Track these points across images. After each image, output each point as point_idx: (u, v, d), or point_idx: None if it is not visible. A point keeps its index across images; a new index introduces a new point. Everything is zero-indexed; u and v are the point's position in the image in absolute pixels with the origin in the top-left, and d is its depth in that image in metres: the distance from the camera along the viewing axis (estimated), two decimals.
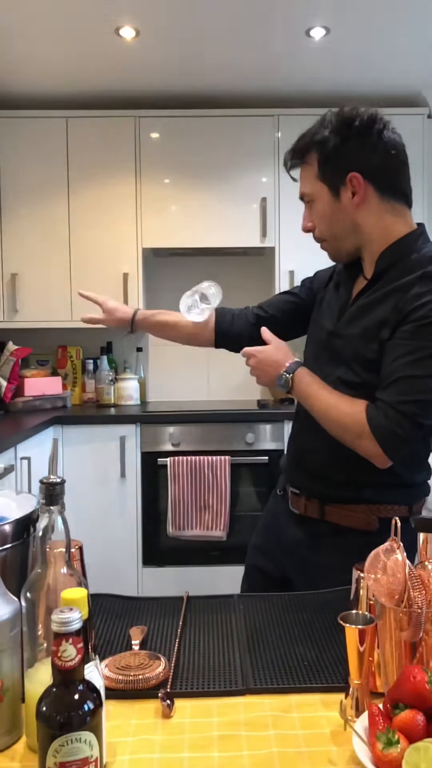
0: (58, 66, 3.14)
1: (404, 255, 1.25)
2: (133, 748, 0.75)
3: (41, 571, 0.76)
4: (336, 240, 1.30)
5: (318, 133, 1.26)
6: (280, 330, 1.45)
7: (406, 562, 0.81)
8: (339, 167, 1.24)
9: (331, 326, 1.34)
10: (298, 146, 1.30)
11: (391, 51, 3.03)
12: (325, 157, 1.25)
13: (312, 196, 1.29)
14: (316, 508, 1.33)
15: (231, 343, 1.52)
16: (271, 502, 1.52)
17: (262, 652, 0.97)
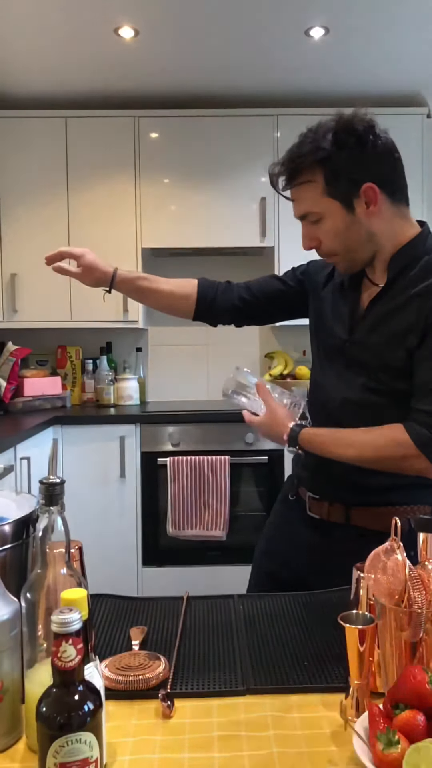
0: (57, 66, 3.14)
1: (415, 257, 1.24)
2: (133, 748, 0.75)
3: (41, 572, 0.76)
4: (350, 252, 1.25)
5: (319, 148, 1.18)
6: (263, 315, 1.49)
7: (406, 562, 0.81)
8: (351, 180, 1.19)
9: (344, 333, 1.31)
10: (297, 165, 1.21)
11: (391, 51, 3.03)
12: (334, 172, 1.19)
13: (320, 214, 1.22)
14: (341, 513, 1.31)
15: (210, 318, 1.50)
16: (281, 507, 1.49)
17: (262, 652, 0.97)
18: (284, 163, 1.23)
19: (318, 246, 1.26)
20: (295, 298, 1.46)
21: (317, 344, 1.42)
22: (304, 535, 1.38)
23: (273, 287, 1.48)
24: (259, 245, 3.46)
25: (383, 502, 1.27)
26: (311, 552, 1.36)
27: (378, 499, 1.28)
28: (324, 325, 1.37)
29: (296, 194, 1.24)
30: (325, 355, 1.38)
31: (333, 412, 1.32)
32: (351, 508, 1.30)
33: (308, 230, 1.26)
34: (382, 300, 1.26)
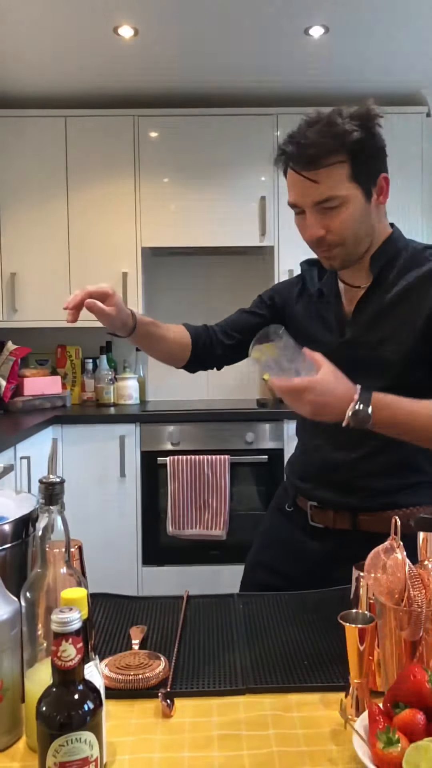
0: (57, 65, 3.14)
1: (394, 255, 1.26)
2: (133, 747, 0.75)
3: (41, 571, 0.76)
4: (355, 244, 1.22)
5: (349, 131, 1.15)
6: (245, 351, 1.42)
7: (406, 561, 0.81)
8: (372, 168, 1.19)
9: (335, 337, 1.30)
10: (327, 146, 1.15)
11: (390, 50, 3.03)
12: (362, 157, 1.17)
13: (343, 199, 1.17)
14: (348, 520, 1.29)
15: (198, 367, 1.46)
16: (275, 517, 1.46)
17: (262, 651, 0.97)
18: (311, 143, 1.14)
19: (325, 235, 1.20)
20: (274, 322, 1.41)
21: None
22: (306, 545, 1.35)
23: (249, 323, 1.44)
24: (258, 244, 3.46)
25: (391, 505, 1.26)
26: (315, 562, 1.32)
27: (386, 502, 1.27)
28: (307, 335, 1.33)
29: (321, 176, 1.15)
30: None
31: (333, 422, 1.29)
32: (358, 514, 1.29)
33: (319, 217, 1.19)
34: (371, 298, 1.26)
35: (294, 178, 1.19)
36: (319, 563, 1.31)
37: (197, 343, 1.41)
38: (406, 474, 1.27)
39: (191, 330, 1.42)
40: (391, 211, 1.32)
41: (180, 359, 1.42)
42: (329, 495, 1.31)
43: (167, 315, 3.81)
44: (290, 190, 1.21)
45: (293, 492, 1.40)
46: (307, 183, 1.16)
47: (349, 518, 1.29)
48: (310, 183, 1.16)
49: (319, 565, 1.31)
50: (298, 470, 1.40)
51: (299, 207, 1.20)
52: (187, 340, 1.41)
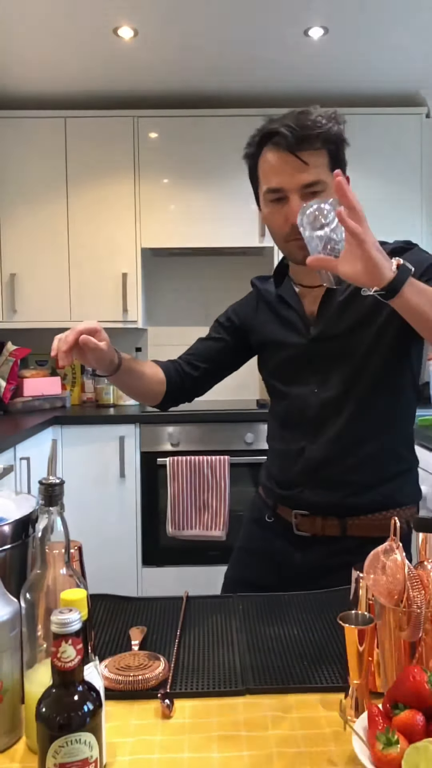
0: (57, 66, 3.14)
1: None
2: (132, 748, 0.75)
3: (41, 572, 0.76)
4: None
5: (326, 123, 1.19)
6: (215, 377, 1.46)
7: (405, 562, 0.81)
8: (342, 163, 1.23)
9: (303, 337, 1.30)
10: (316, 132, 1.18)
11: (390, 51, 3.03)
12: (336, 150, 1.22)
13: (327, 185, 1.19)
14: (337, 526, 1.28)
15: (171, 404, 1.45)
16: (254, 530, 1.42)
17: (261, 652, 0.97)
18: (302, 125, 1.17)
19: None
20: (238, 345, 1.44)
21: (273, 363, 1.38)
22: (292, 556, 1.32)
23: (211, 350, 1.45)
24: (258, 245, 3.47)
25: (378, 506, 1.27)
26: (302, 574, 1.29)
27: (373, 500, 1.27)
28: (274, 341, 1.36)
29: (310, 158, 1.18)
30: (284, 369, 1.36)
31: (312, 419, 1.30)
32: (347, 519, 1.28)
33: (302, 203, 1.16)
34: (335, 293, 1.27)
35: (281, 162, 1.18)
36: (306, 574, 1.28)
37: (170, 378, 1.40)
38: (389, 463, 1.28)
39: (162, 365, 1.42)
40: (390, 211, 1.32)
41: (156, 395, 1.41)
42: (315, 497, 1.29)
43: (167, 316, 3.82)
44: (274, 174, 1.20)
45: (273, 501, 1.37)
46: (297, 165, 1.17)
47: (338, 524, 1.28)
48: (300, 165, 1.17)
49: (306, 576, 1.27)
50: (277, 478, 1.37)
51: (284, 191, 1.19)
52: (161, 375, 1.39)
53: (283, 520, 1.35)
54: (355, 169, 3.84)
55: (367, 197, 3.65)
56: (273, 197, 1.22)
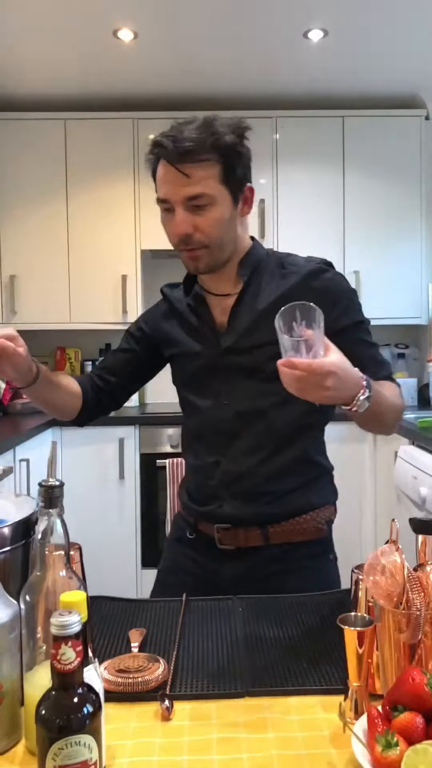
0: (57, 68, 3.14)
1: (259, 261, 1.28)
2: (132, 750, 0.75)
3: (40, 574, 0.76)
4: (221, 248, 1.21)
5: (223, 134, 1.16)
6: (130, 389, 1.46)
7: (404, 564, 0.81)
8: (242, 175, 1.20)
9: (213, 348, 1.28)
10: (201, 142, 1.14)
11: (389, 53, 3.04)
12: (232, 162, 1.18)
13: (212, 198, 1.16)
14: (259, 536, 1.27)
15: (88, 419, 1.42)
16: (176, 549, 1.40)
17: (260, 654, 0.97)
18: (186, 137, 1.14)
19: (192, 233, 1.18)
20: (149, 354, 1.41)
21: (183, 373, 1.36)
22: (217, 570, 1.30)
23: (121, 361, 1.42)
24: None
25: (298, 511, 1.28)
26: (229, 586, 1.25)
27: (292, 507, 1.28)
28: (183, 352, 1.34)
29: (193, 171, 1.14)
30: (194, 380, 1.33)
31: (224, 432, 1.28)
32: (268, 528, 1.27)
33: (187, 215, 1.17)
34: (244, 305, 1.26)
35: (166, 173, 1.17)
36: (233, 586, 1.25)
37: (86, 393, 1.38)
38: (305, 470, 1.29)
39: (77, 379, 1.39)
40: (390, 213, 1.32)
41: (72, 410, 1.37)
42: (234, 510, 1.27)
43: None
44: (161, 185, 1.19)
45: (193, 519, 1.35)
46: (179, 177, 1.15)
47: (260, 533, 1.27)
48: (182, 177, 1.15)
49: (233, 588, 1.24)
50: (194, 494, 1.34)
51: (169, 202, 1.18)
52: (77, 388, 1.37)
53: (205, 536, 1.32)
54: (355, 171, 3.85)
55: (366, 199, 3.67)
56: (163, 206, 1.20)
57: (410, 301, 3.53)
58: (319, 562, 1.34)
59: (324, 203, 3.49)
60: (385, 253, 3.48)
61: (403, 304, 3.53)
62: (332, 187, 3.49)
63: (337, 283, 1.27)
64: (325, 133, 3.47)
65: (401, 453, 2.67)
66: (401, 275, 3.50)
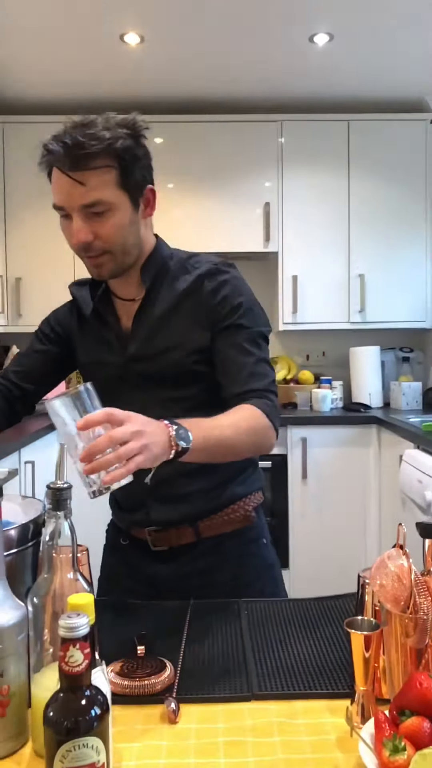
0: (63, 72, 3.16)
1: (162, 264, 1.26)
2: (139, 753, 0.75)
3: (48, 576, 0.76)
4: (124, 253, 1.19)
5: (118, 137, 1.12)
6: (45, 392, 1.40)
7: (411, 568, 0.81)
8: (141, 178, 1.18)
9: (118, 356, 1.26)
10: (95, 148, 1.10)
11: (394, 57, 3.04)
12: (129, 165, 1.14)
13: (110, 204, 1.13)
14: (191, 533, 1.27)
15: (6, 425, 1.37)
16: (112, 556, 1.39)
17: (267, 657, 0.97)
18: (79, 143, 1.09)
19: (92, 241, 1.15)
20: (64, 354, 1.37)
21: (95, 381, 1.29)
22: (155, 571, 1.30)
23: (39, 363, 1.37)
24: (263, 250, 3.47)
25: (227, 502, 1.28)
26: (169, 584, 1.27)
27: (221, 502, 1.28)
28: (95, 359, 1.31)
29: (88, 178, 1.10)
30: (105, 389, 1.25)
31: None
32: (198, 523, 1.27)
33: (86, 222, 1.13)
34: (147, 310, 1.25)
35: (60, 180, 1.12)
36: (170, 584, 1.27)
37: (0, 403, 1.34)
38: (228, 467, 1.26)
39: None
40: (395, 217, 1.32)
41: None
42: (163, 514, 1.26)
43: None
44: (55, 192, 1.15)
45: (125, 525, 1.35)
46: (73, 185, 1.11)
47: (191, 531, 1.27)
48: (76, 185, 1.11)
49: (171, 586, 1.26)
50: (123, 503, 1.34)
51: (65, 210, 1.14)
52: None
53: (137, 540, 1.31)
54: (360, 174, 3.85)
55: (371, 203, 3.67)
56: (60, 213, 1.17)
57: (415, 305, 3.52)
58: (253, 548, 1.34)
59: (329, 207, 3.49)
60: (390, 256, 3.48)
61: (407, 308, 3.53)
62: (337, 191, 3.49)
63: (231, 286, 1.24)
64: (330, 137, 3.48)
65: (406, 457, 2.66)
66: (406, 279, 3.50)
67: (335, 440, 3.24)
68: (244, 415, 1.12)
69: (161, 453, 0.92)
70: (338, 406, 3.57)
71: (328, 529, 3.20)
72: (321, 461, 3.23)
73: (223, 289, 1.23)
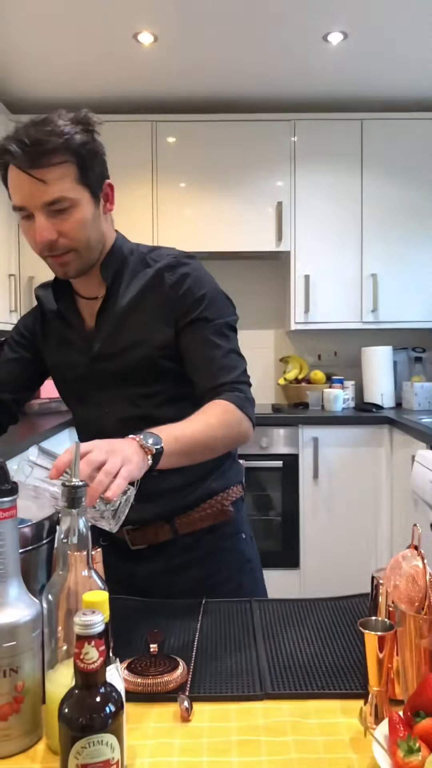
0: (76, 70, 3.17)
1: (122, 259, 1.25)
2: (152, 751, 0.75)
3: (62, 574, 0.77)
4: (88, 250, 1.18)
5: (73, 133, 1.11)
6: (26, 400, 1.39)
7: (426, 569, 0.81)
8: (99, 172, 1.18)
9: (84, 356, 1.26)
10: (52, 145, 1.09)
11: (408, 55, 3.03)
12: (87, 160, 1.14)
13: (73, 201, 1.12)
14: (168, 530, 1.27)
15: None
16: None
17: (279, 656, 0.97)
18: (37, 140, 1.08)
19: (57, 239, 1.14)
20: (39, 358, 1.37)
21: (65, 383, 1.33)
22: (134, 570, 1.29)
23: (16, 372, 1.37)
24: (275, 249, 3.47)
25: (203, 497, 1.28)
26: (150, 584, 1.27)
27: (197, 497, 1.28)
28: (62, 361, 1.31)
29: (48, 175, 1.09)
30: (76, 390, 1.30)
31: None
32: (174, 520, 1.27)
33: (49, 221, 1.12)
34: (108, 309, 1.24)
35: (20, 180, 1.10)
36: (150, 582, 1.27)
37: None
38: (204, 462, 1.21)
39: None
40: (408, 216, 1.31)
41: None
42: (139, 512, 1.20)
43: None
44: (15, 192, 1.12)
45: None
46: (34, 183, 1.09)
47: (168, 527, 1.27)
48: (37, 183, 1.09)
49: (150, 584, 1.26)
50: None
51: (27, 210, 1.12)
52: None
53: (116, 539, 1.29)
54: (373, 173, 3.83)
55: (384, 202, 3.65)
56: (21, 214, 1.14)
57: (428, 305, 3.51)
58: (232, 542, 1.34)
59: (342, 206, 3.48)
60: (403, 256, 3.46)
61: (420, 308, 3.51)
62: (350, 190, 3.48)
63: (192, 278, 1.23)
64: (343, 136, 3.47)
65: (418, 457, 2.65)
66: (419, 279, 3.48)
67: (347, 440, 3.23)
68: (215, 411, 1.13)
69: (140, 460, 0.94)
70: (350, 406, 3.56)
71: (339, 530, 3.20)
72: (332, 461, 3.22)
73: (184, 282, 1.22)
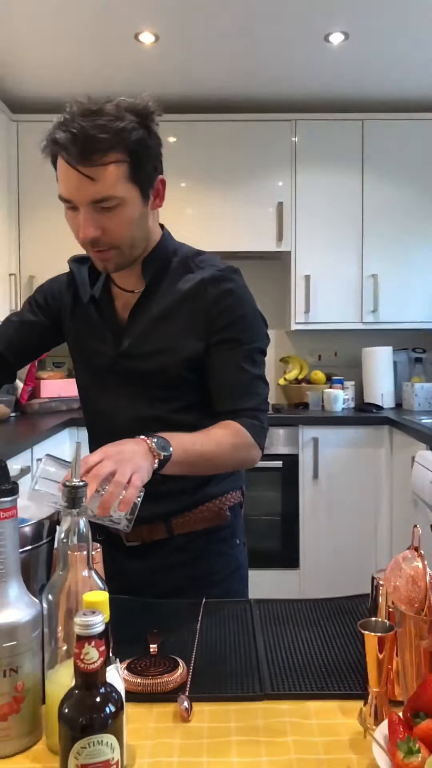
0: (77, 70, 3.17)
1: (165, 260, 1.24)
2: (152, 751, 0.75)
3: (63, 574, 0.77)
4: (131, 248, 1.16)
5: (130, 129, 1.07)
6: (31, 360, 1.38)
7: (427, 570, 0.80)
8: (152, 169, 1.13)
9: (111, 349, 1.24)
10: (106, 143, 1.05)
11: (410, 56, 3.03)
12: (141, 158, 1.09)
13: (121, 200, 1.09)
14: (163, 530, 1.27)
15: None
16: None
17: (279, 657, 0.97)
18: (90, 137, 1.05)
19: (100, 236, 1.12)
20: (55, 327, 1.35)
21: (83, 368, 1.32)
22: (126, 567, 1.28)
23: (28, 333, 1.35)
24: (275, 249, 3.47)
25: (201, 500, 1.28)
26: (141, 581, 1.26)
27: (195, 499, 1.27)
28: (87, 346, 1.29)
29: (98, 173, 1.06)
30: (95, 378, 1.29)
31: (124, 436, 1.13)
32: (171, 520, 1.26)
33: (95, 217, 1.09)
34: (144, 306, 1.23)
35: (68, 172, 1.07)
36: (142, 580, 1.27)
37: None
38: None
39: None
40: (409, 217, 1.31)
41: None
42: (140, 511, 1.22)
43: None
44: (63, 183, 1.10)
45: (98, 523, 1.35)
46: (83, 179, 1.06)
47: (164, 527, 1.27)
48: (86, 180, 1.06)
49: (142, 581, 1.26)
50: None
51: (73, 203, 1.10)
52: None
53: (112, 536, 1.27)
54: (374, 174, 3.83)
55: (385, 203, 3.65)
56: (66, 205, 1.12)
57: (428, 306, 3.51)
58: (226, 547, 1.34)
59: (342, 207, 3.48)
60: (404, 257, 3.46)
61: (420, 309, 3.51)
62: (351, 191, 3.48)
63: (234, 296, 1.22)
64: (344, 137, 3.47)
65: (418, 458, 2.65)
66: (419, 279, 3.48)
67: (347, 441, 3.23)
68: (228, 432, 1.15)
69: (149, 465, 0.98)
70: (350, 407, 3.56)
71: (338, 530, 3.20)
72: (332, 461, 3.22)
73: (226, 299, 1.21)
